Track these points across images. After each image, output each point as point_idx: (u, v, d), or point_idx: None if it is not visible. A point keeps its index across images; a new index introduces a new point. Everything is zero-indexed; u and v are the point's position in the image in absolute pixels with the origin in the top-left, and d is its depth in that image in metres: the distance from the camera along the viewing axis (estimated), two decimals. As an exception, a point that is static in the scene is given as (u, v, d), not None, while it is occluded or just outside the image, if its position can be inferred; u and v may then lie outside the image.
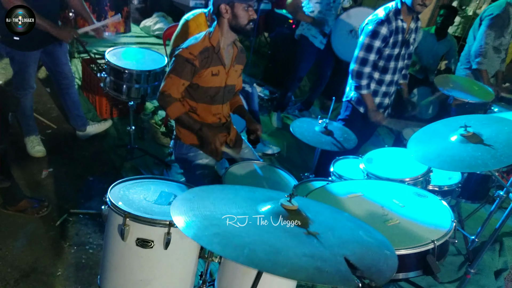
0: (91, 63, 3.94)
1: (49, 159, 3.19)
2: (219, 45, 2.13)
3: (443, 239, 1.40)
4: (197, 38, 2.14)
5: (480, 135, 1.70)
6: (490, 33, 3.54)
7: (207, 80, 2.15)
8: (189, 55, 2.07)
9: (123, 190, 1.73)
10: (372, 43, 2.58)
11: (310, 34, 3.92)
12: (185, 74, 2.09)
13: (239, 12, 2.05)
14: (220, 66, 2.17)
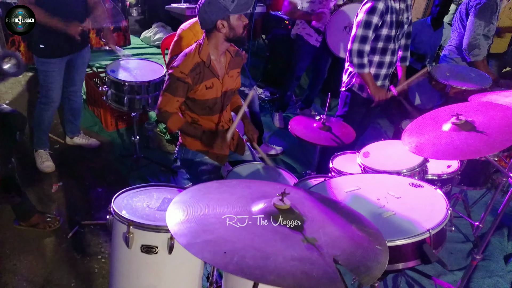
0: (94, 77, 4.02)
1: (59, 173, 3.27)
2: (210, 58, 2.15)
3: (439, 228, 1.42)
4: (187, 54, 2.15)
5: (472, 122, 1.72)
6: (480, 23, 3.48)
7: (203, 93, 2.19)
8: (180, 74, 2.09)
9: (126, 199, 1.79)
10: (370, 19, 2.59)
11: (305, 33, 3.96)
12: (178, 92, 2.12)
13: (235, 23, 2.06)
14: (213, 79, 2.19)
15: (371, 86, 2.75)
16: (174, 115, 2.19)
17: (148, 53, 5.33)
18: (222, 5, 1.99)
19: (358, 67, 2.72)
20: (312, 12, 3.86)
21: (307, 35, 3.98)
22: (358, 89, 2.87)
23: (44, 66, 2.95)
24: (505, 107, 1.78)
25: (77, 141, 3.62)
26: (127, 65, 3.16)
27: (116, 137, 3.82)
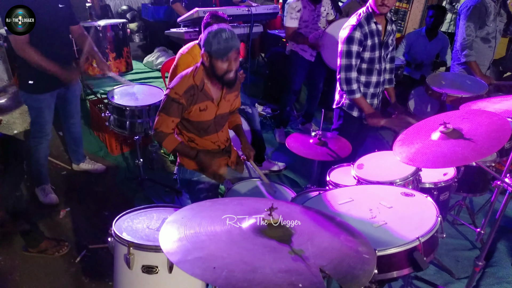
0: (98, 103, 4.14)
1: (66, 199, 3.34)
2: (203, 82, 2.21)
3: (429, 235, 1.44)
4: (183, 76, 2.22)
5: (460, 130, 1.76)
6: (470, 25, 3.57)
7: (196, 115, 2.25)
8: (175, 95, 2.17)
9: (127, 221, 1.85)
10: (350, 49, 2.68)
11: (300, 49, 4.07)
12: (172, 112, 2.19)
13: (216, 63, 2.10)
14: (207, 101, 2.24)
15: (366, 111, 2.82)
16: (170, 136, 2.25)
17: (151, 77, 5.47)
18: (210, 41, 2.05)
19: (349, 93, 2.81)
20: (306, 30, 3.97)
21: (301, 51, 4.08)
22: (348, 108, 2.94)
23: (35, 102, 2.97)
24: (492, 114, 1.81)
25: (84, 166, 3.71)
26: (128, 90, 3.26)
27: (121, 161, 3.90)
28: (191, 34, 4.32)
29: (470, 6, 3.59)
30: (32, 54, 2.69)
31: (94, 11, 5.13)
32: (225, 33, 2.06)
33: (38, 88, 2.92)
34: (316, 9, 3.96)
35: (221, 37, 2.04)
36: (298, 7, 3.89)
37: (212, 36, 2.05)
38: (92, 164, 3.73)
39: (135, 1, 7.08)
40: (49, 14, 2.73)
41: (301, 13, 3.91)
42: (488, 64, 3.85)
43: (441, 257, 2.93)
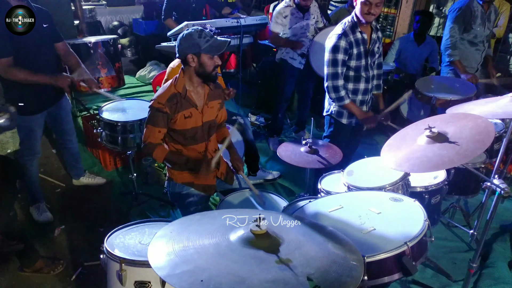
0: (91, 119, 4.15)
1: (61, 217, 3.33)
2: (186, 90, 2.24)
3: (416, 240, 1.46)
4: (164, 87, 2.27)
5: (445, 134, 1.78)
6: (454, 27, 3.67)
7: (181, 123, 2.27)
8: (158, 104, 2.20)
9: (119, 238, 1.86)
10: (336, 57, 2.72)
11: (289, 57, 4.11)
12: (158, 123, 2.22)
13: (205, 61, 2.15)
14: (191, 109, 2.27)
15: (358, 115, 2.84)
16: (159, 147, 2.27)
17: (144, 91, 5.50)
18: (196, 42, 2.10)
19: (338, 101, 2.84)
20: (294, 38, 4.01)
21: (291, 59, 4.13)
22: (337, 116, 2.97)
23: (26, 123, 2.97)
24: (476, 116, 1.84)
25: (84, 181, 3.72)
26: (119, 106, 3.28)
27: (116, 176, 3.90)
28: (181, 48, 4.36)
29: (456, 8, 3.70)
30: (17, 73, 2.70)
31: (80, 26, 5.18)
32: (205, 31, 2.14)
33: (29, 110, 2.93)
34: (304, 17, 4.01)
35: (207, 35, 2.12)
36: (286, 13, 3.94)
37: (195, 36, 2.10)
38: (92, 178, 3.74)
39: (126, 16, 7.16)
40: (34, 36, 2.74)
41: (288, 20, 3.96)
42: (476, 67, 3.91)
43: (438, 260, 2.93)
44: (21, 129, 3.04)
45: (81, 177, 3.71)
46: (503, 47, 5.40)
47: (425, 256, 1.53)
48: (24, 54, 2.72)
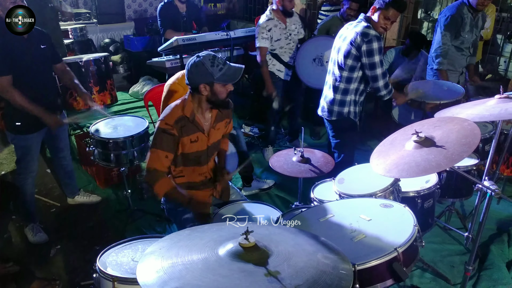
0: (85, 137, 4.15)
1: (56, 237, 3.31)
2: (193, 114, 2.16)
3: (406, 245, 1.46)
4: (171, 107, 2.18)
5: (432, 138, 1.79)
6: (446, 34, 3.68)
7: (188, 147, 2.20)
8: (165, 125, 2.11)
9: (112, 256, 1.85)
10: (382, 58, 2.82)
11: (276, 69, 4.13)
12: (165, 146, 2.11)
13: (218, 89, 2.07)
14: (198, 133, 2.21)
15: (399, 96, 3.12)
16: (163, 179, 2.15)
17: (137, 106, 5.52)
18: (209, 72, 2.01)
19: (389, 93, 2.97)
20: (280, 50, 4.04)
21: (278, 71, 4.15)
22: (354, 117, 3.08)
23: (23, 142, 2.98)
24: (462, 120, 1.85)
25: (79, 199, 3.70)
26: (110, 123, 3.29)
27: (111, 193, 3.89)
28: (172, 62, 4.39)
29: (448, 15, 3.71)
30: (16, 97, 2.71)
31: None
32: (218, 58, 2.04)
33: (26, 129, 2.94)
34: (286, 27, 4.02)
35: (220, 63, 2.03)
36: (269, 27, 3.94)
37: (207, 66, 2.01)
38: (87, 196, 3.73)
39: (117, 33, 7.21)
40: (32, 56, 2.79)
41: (272, 33, 3.96)
42: (461, 70, 3.95)
43: (435, 264, 2.93)
44: (18, 148, 3.05)
45: (76, 195, 3.69)
46: (491, 48, 5.46)
47: (416, 261, 1.53)
48: (22, 75, 2.74)
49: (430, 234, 3.20)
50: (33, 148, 3.06)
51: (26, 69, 2.77)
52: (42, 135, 3.10)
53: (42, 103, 2.86)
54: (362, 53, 2.79)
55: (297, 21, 4.15)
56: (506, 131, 2.97)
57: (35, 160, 3.13)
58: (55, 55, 3.07)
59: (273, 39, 3.98)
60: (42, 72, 2.91)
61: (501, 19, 5.29)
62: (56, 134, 3.22)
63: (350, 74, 2.92)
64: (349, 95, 3.00)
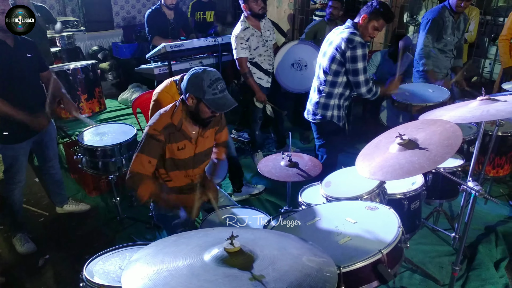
0: (73, 145, 4.13)
1: (45, 246, 3.28)
2: (181, 122, 2.19)
3: (390, 247, 1.47)
4: (159, 113, 2.20)
5: (415, 140, 1.81)
6: (428, 37, 3.77)
7: (175, 154, 2.23)
8: (153, 131, 2.13)
9: (99, 264, 1.84)
10: (365, 64, 2.86)
11: (257, 77, 4.08)
12: (150, 151, 2.12)
13: (202, 108, 2.09)
14: (185, 141, 2.23)
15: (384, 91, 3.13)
16: (147, 181, 2.15)
17: (126, 113, 5.50)
18: (203, 89, 2.02)
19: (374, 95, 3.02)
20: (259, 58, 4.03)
21: (258, 79, 4.10)
22: (337, 120, 3.11)
23: (10, 152, 2.96)
24: (445, 122, 1.88)
25: (68, 208, 3.67)
26: (98, 130, 3.28)
27: (100, 202, 3.87)
28: (161, 69, 4.40)
29: (429, 19, 3.80)
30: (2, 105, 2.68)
31: None
32: (219, 83, 2.04)
33: (14, 138, 2.92)
34: (262, 35, 4.00)
35: (217, 88, 2.03)
36: (247, 36, 3.89)
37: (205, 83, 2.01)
38: (76, 204, 3.70)
39: (106, 40, 7.19)
40: (18, 65, 2.78)
41: (250, 42, 3.91)
42: (445, 72, 4.01)
43: (425, 265, 2.95)
44: (5, 158, 3.02)
45: (65, 204, 3.67)
46: (477, 51, 5.55)
47: (401, 262, 1.54)
48: (9, 84, 2.73)
49: (419, 236, 3.23)
50: (21, 157, 3.03)
51: (13, 78, 2.76)
52: (30, 145, 3.08)
53: (29, 112, 2.84)
54: (346, 58, 2.82)
55: (270, 26, 4.13)
56: (490, 132, 3.02)
57: (23, 169, 3.10)
58: (42, 64, 3.06)
59: (252, 47, 3.93)
60: (29, 81, 2.90)
61: (485, 22, 5.39)
62: (45, 142, 3.20)
63: (335, 79, 2.96)
64: (333, 99, 3.04)
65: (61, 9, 7.28)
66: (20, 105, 2.79)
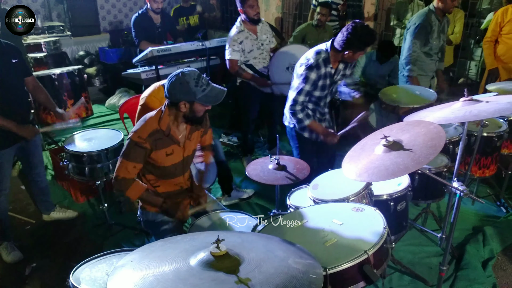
0: (60, 152, 4.08)
1: (32, 254, 3.24)
2: (169, 128, 2.16)
3: (376, 248, 1.48)
4: (145, 119, 2.16)
5: (400, 142, 1.83)
6: (416, 42, 3.75)
7: (163, 160, 2.20)
8: (138, 139, 2.09)
9: (85, 271, 1.82)
10: (303, 87, 2.78)
11: None
12: (135, 157, 2.10)
13: (197, 108, 2.08)
14: (174, 145, 2.21)
15: (320, 132, 2.91)
16: (135, 183, 2.15)
17: (114, 119, 5.47)
18: (192, 91, 2.01)
19: (299, 122, 2.94)
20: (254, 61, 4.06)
21: None
22: (301, 130, 3.05)
23: None
24: (428, 123, 1.90)
25: (55, 215, 3.62)
26: (85, 136, 3.25)
27: (88, 208, 3.83)
28: (148, 74, 4.38)
29: (417, 23, 3.76)
30: None
31: None
32: (202, 78, 2.03)
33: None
34: (258, 38, 4.03)
35: (203, 83, 2.03)
36: (240, 39, 3.92)
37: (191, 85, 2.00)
38: (62, 212, 3.65)
39: (92, 45, 7.15)
40: (4, 71, 2.75)
41: (244, 45, 3.94)
42: (431, 74, 4.05)
43: (413, 266, 2.97)
44: None
45: (51, 211, 3.62)
46: (462, 52, 5.63)
47: (386, 263, 1.55)
48: None
49: (407, 237, 3.25)
50: (5, 164, 3.00)
51: None
52: (14, 151, 3.04)
53: (15, 118, 2.81)
54: (296, 72, 2.85)
55: (268, 30, 4.16)
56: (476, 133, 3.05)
57: (7, 176, 3.06)
58: (26, 69, 3.03)
59: (246, 50, 3.97)
60: (14, 87, 2.87)
61: (470, 24, 5.47)
62: (30, 149, 3.16)
63: None
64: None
65: (46, 14, 7.23)
66: (6, 112, 2.77)
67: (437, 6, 3.74)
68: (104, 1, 7.79)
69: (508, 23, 4.24)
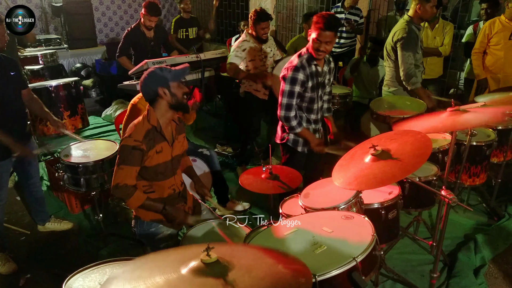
0: (55, 163, 4.10)
1: (27, 265, 3.24)
2: (159, 124, 2.25)
3: (365, 254, 1.51)
4: (135, 124, 2.23)
5: (388, 151, 1.88)
6: (409, 55, 3.63)
7: (153, 159, 2.25)
8: (134, 142, 2.15)
9: (78, 281, 1.85)
10: (293, 89, 2.79)
11: (253, 89, 4.19)
12: (135, 162, 2.17)
13: (175, 90, 2.21)
14: (163, 143, 2.28)
15: (311, 141, 2.92)
16: (136, 194, 2.21)
17: (110, 130, 5.50)
18: (161, 75, 2.19)
19: (290, 130, 2.95)
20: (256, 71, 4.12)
21: (255, 91, 4.21)
22: (293, 144, 3.04)
23: None
24: (416, 132, 1.95)
25: (50, 226, 3.63)
26: (80, 147, 3.28)
27: (83, 219, 3.84)
28: (143, 84, 4.42)
29: (404, 37, 3.64)
30: None
31: None
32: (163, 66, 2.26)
33: None
34: (261, 50, 4.14)
35: (166, 69, 2.22)
36: (244, 47, 4.05)
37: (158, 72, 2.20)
38: (58, 222, 3.66)
39: (89, 58, 7.20)
40: (1, 83, 2.79)
41: (247, 53, 4.06)
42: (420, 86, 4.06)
43: (406, 274, 3.00)
44: None
45: (47, 222, 3.63)
46: (452, 64, 5.72)
47: (375, 270, 1.58)
48: None
49: (400, 245, 3.28)
50: (4, 175, 3.02)
51: None
52: (11, 163, 3.06)
53: (12, 131, 2.84)
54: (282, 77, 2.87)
55: (272, 44, 4.27)
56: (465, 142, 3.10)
57: (5, 188, 3.09)
58: (23, 81, 3.08)
59: (247, 59, 4.07)
60: (12, 99, 2.91)
61: (460, 36, 5.57)
62: (26, 160, 3.18)
63: None
64: None
65: (43, 26, 7.30)
66: (4, 124, 2.80)
67: (415, 14, 3.63)
68: (100, 14, 7.87)
69: (496, 35, 4.32)
